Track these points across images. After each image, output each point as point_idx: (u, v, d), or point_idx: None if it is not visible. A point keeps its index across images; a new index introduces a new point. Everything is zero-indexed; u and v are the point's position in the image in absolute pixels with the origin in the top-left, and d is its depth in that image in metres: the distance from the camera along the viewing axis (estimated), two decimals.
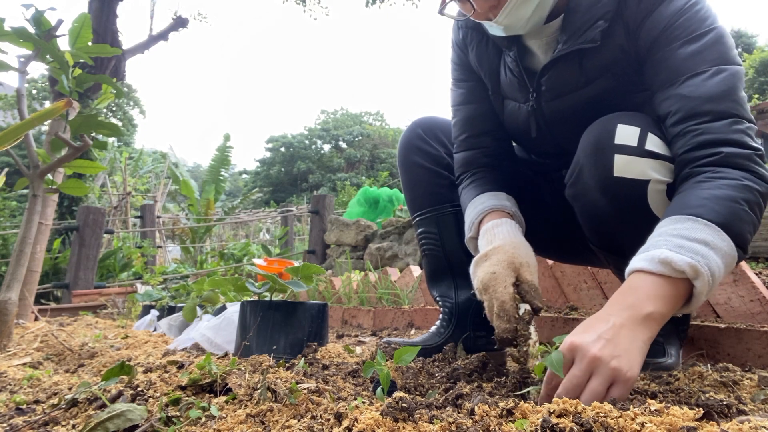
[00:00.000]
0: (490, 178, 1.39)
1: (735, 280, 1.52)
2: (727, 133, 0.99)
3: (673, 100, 1.06)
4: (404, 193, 1.63)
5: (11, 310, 1.90)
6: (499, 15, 1.15)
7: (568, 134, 1.30)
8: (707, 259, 0.87)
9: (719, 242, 0.89)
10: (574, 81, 1.22)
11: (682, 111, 1.03)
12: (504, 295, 1.09)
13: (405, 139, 1.58)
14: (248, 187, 31.53)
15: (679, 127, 1.03)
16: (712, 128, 1.00)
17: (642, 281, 0.89)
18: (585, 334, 0.85)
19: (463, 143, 1.46)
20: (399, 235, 5.00)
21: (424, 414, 0.73)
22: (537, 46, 1.27)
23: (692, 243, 0.88)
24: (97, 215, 5.32)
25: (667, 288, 0.88)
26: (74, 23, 2.10)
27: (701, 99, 1.02)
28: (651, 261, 0.89)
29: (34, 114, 1.84)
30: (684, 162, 1.02)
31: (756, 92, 16.17)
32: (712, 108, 1.00)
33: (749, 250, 0.96)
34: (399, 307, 2.48)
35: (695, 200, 0.94)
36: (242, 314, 1.51)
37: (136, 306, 3.54)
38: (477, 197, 1.34)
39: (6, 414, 1.03)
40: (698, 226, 0.90)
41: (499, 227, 1.22)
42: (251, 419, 0.82)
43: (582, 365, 0.81)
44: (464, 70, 1.46)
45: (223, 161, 10.76)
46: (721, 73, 1.02)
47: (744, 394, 0.98)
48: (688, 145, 1.01)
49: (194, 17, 12.33)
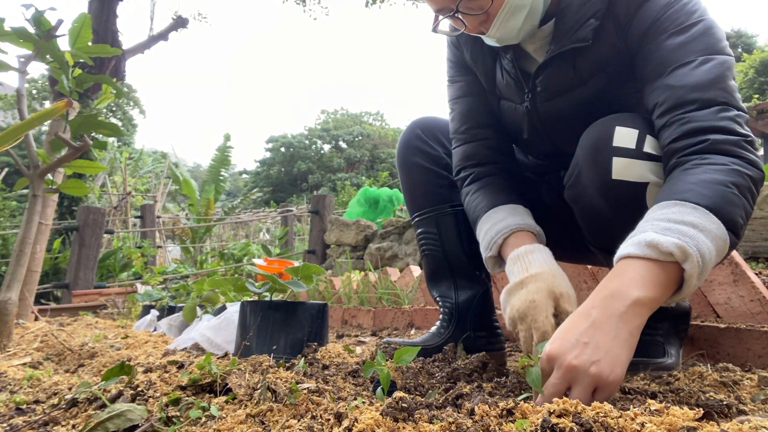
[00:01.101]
0: (500, 184, 1.34)
1: (735, 280, 1.52)
2: (714, 121, 0.97)
3: (660, 91, 1.05)
4: (403, 194, 1.61)
5: (11, 310, 1.90)
6: (490, 29, 1.16)
7: (563, 135, 1.30)
8: (696, 241, 0.84)
9: (708, 224, 0.86)
10: (568, 81, 1.22)
11: (669, 101, 1.02)
12: (546, 325, 1.02)
13: (404, 140, 1.56)
14: (248, 187, 31.53)
15: (666, 117, 1.02)
16: (698, 116, 0.98)
17: (629, 266, 0.87)
18: (563, 340, 0.83)
19: (463, 135, 1.41)
20: (399, 235, 5.00)
21: (424, 414, 0.73)
22: (533, 49, 1.27)
23: (680, 225, 0.86)
24: (97, 215, 5.32)
25: (655, 272, 0.85)
26: (74, 23, 2.10)
27: (688, 88, 1.00)
28: (638, 245, 0.86)
29: (35, 114, 1.84)
30: (671, 152, 1.01)
31: (756, 92, 16.15)
32: (698, 96, 0.99)
33: (742, 235, 0.93)
34: (399, 307, 2.48)
35: (682, 186, 0.92)
36: (242, 314, 1.51)
37: (136, 306, 3.54)
38: (493, 211, 1.27)
39: (6, 414, 1.03)
40: (686, 210, 0.88)
41: (533, 254, 1.15)
42: (251, 419, 0.82)
43: (559, 376, 0.80)
44: (461, 67, 1.45)
45: (224, 161, 10.76)
46: (708, 62, 1.01)
47: (744, 394, 0.98)
48: (674, 134, 1.00)
49: (194, 17, 12.35)
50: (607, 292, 0.85)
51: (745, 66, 17.55)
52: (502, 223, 1.23)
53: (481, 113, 1.41)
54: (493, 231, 1.23)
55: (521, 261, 1.14)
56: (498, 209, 1.27)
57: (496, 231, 1.22)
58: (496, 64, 1.35)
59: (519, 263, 1.14)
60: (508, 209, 1.26)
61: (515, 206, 1.28)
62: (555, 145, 1.35)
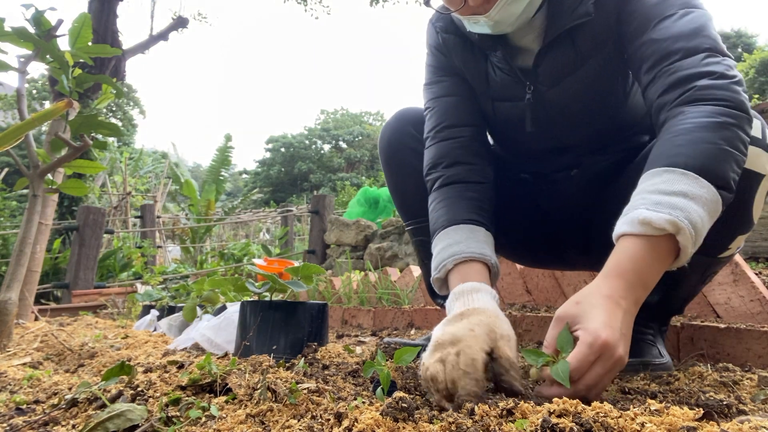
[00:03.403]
0: (466, 196, 1.24)
1: (735, 280, 1.52)
2: (700, 67, 0.96)
3: (645, 46, 1.05)
4: (393, 195, 1.51)
5: (11, 310, 1.90)
6: (491, 10, 1.12)
7: (568, 127, 1.29)
8: (687, 212, 0.86)
9: (698, 190, 0.87)
10: (570, 62, 1.20)
11: (654, 55, 1.03)
12: (476, 354, 0.86)
13: (393, 138, 1.46)
14: (248, 187, 31.54)
15: (653, 72, 1.02)
16: (684, 65, 0.98)
17: (633, 247, 0.88)
18: (613, 330, 0.82)
19: (438, 135, 1.32)
20: (399, 235, 5.00)
21: (424, 414, 0.73)
22: (530, 40, 1.24)
23: (670, 197, 0.87)
24: (97, 215, 5.32)
25: (655, 247, 0.87)
26: (74, 23, 2.10)
27: (672, 38, 1.01)
28: (632, 223, 0.88)
29: (35, 114, 1.84)
30: (660, 106, 1.00)
31: (756, 92, 16.16)
32: (683, 45, 0.99)
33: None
34: (399, 307, 2.48)
35: (670, 148, 0.92)
36: (242, 314, 1.51)
37: (136, 306, 3.54)
38: (452, 229, 1.18)
39: (6, 414, 1.03)
40: (675, 177, 0.88)
41: (478, 293, 1.04)
42: (251, 419, 0.82)
43: (608, 366, 0.82)
44: (445, 70, 1.38)
45: (224, 161, 10.77)
46: (690, 13, 1.03)
47: (744, 394, 0.98)
48: (661, 87, 1.00)
49: (194, 17, 12.35)
50: (628, 282, 0.87)
51: (745, 66, 17.55)
52: (456, 246, 1.13)
53: (462, 113, 1.33)
54: (446, 253, 1.14)
55: (464, 297, 1.05)
56: (457, 228, 1.17)
57: (448, 254, 1.13)
58: (488, 65, 1.31)
59: (462, 299, 1.05)
60: (467, 230, 1.17)
61: (476, 227, 1.18)
62: (558, 140, 1.33)
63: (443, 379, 0.84)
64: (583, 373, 0.81)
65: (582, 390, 0.81)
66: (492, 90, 1.32)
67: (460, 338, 0.90)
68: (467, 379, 0.83)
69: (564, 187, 1.40)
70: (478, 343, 0.89)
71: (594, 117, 1.27)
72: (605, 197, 1.31)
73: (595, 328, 0.82)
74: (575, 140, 1.32)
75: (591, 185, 1.36)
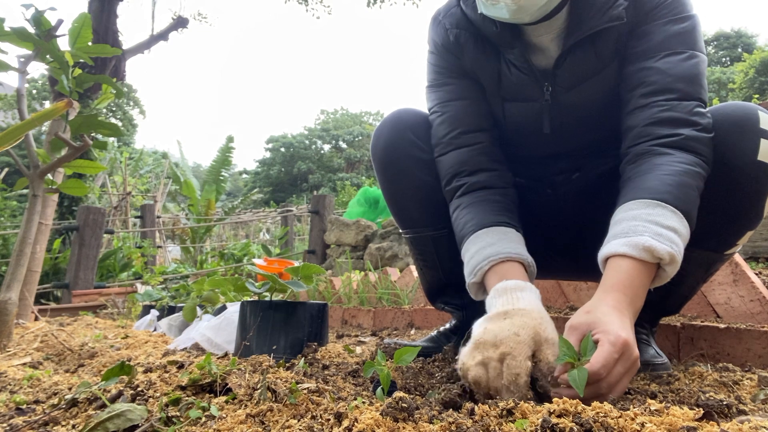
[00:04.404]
0: (494, 200, 1.22)
1: (735, 280, 1.52)
2: (690, 115, 1.08)
3: (651, 71, 1.13)
4: (390, 204, 1.45)
5: (11, 310, 1.90)
6: None
7: (583, 130, 1.29)
8: (679, 247, 0.97)
9: (683, 229, 0.99)
10: (591, 67, 1.20)
11: (657, 84, 1.11)
12: (520, 367, 0.87)
13: (391, 144, 1.37)
14: (248, 187, 31.56)
15: (650, 98, 1.11)
16: (679, 107, 1.09)
17: (631, 269, 0.97)
18: (629, 333, 0.90)
19: (454, 141, 1.28)
20: (399, 235, 5.00)
21: (424, 414, 0.73)
22: (548, 39, 1.21)
23: (667, 231, 0.97)
24: (97, 215, 5.32)
25: (648, 271, 0.97)
26: (74, 23, 2.10)
27: (675, 77, 1.11)
28: (635, 247, 0.96)
29: (35, 114, 1.84)
30: (644, 134, 1.10)
31: (756, 92, 16.16)
32: (682, 87, 1.10)
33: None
34: (399, 307, 2.48)
35: (661, 185, 1.02)
36: (242, 314, 1.51)
37: (136, 306, 3.54)
38: (483, 231, 1.16)
39: (6, 414, 1.03)
40: (667, 213, 0.99)
41: (523, 291, 1.03)
42: (251, 419, 0.82)
43: (628, 365, 0.88)
44: (453, 71, 1.33)
45: (225, 162, 10.77)
46: (694, 57, 1.12)
47: (744, 394, 0.98)
48: (652, 118, 1.10)
49: (194, 17, 12.36)
50: (628, 297, 0.96)
51: (745, 66, 17.55)
52: (490, 248, 1.12)
53: (477, 117, 1.30)
54: (480, 256, 1.12)
55: (508, 295, 1.03)
56: (488, 230, 1.16)
57: (483, 256, 1.11)
58: (501, 63, 1.27)
59: (505, 297, 1.03)
60: (499, 232, 1.16)
61: (507, 229, 1.17)
62: (571, 142, 1.32)
63: (485, 385, 0.90)
64: (610, 370, 0.84)
65: (604, 389, 0.84)
66: (504, 89, 1.28)
67: (503, 340, 0.91)
68: (509, 394, 0.87)
69: (564, 191, 1.39)
70: (523, 351, 0.89)
71: (602, 122, 1.27)
72: (605, 202, 1.30)
73: (615, 330, 0.88)
74: (581, 144, 1.31)
75: (589, 189, 1.36)
